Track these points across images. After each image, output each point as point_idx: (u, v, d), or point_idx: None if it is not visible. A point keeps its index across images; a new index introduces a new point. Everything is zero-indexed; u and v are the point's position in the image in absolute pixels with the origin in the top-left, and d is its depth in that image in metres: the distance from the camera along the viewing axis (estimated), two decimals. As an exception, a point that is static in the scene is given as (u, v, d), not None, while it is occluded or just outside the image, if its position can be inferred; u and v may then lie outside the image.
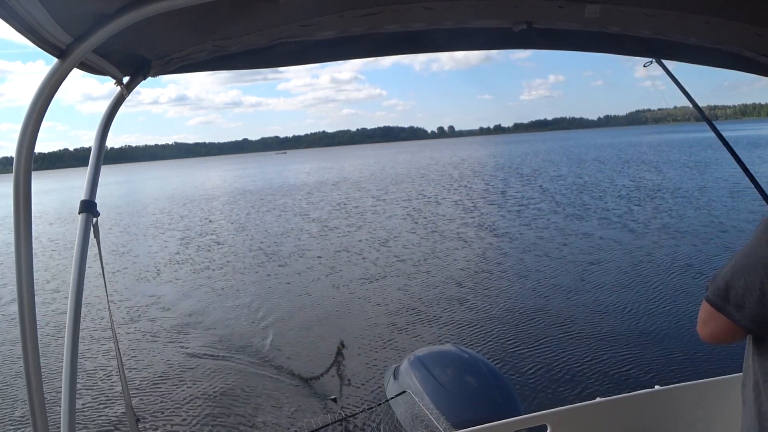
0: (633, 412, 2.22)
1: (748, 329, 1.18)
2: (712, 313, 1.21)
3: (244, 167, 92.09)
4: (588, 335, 6.94)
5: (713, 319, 1.22)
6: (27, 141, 1.03)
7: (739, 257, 1.18)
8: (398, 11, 1.48)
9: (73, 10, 0.96)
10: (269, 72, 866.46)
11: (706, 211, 15.27)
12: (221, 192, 38.18)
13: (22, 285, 1.06)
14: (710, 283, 1.23)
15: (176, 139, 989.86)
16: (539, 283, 9.49)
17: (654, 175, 27.10)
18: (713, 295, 1.21)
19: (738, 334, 1.21)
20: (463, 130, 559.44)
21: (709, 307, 1.22)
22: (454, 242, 13.60)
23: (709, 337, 1.26)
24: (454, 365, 4.23)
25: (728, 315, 1.18)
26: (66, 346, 1.17)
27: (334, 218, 19.41)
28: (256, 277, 11.64)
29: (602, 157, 46.09)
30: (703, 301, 1.24)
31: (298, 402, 5.78)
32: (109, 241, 17.28)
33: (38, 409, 1.09)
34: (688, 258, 10.39)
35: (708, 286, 1.24)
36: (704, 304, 1.24)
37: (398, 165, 58.30)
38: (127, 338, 8.11)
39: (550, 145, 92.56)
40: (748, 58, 1.85)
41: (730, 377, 2.21)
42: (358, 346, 7.22)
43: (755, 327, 1.17)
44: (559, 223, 15.09)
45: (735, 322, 1.18)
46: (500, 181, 29.55)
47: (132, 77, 1.44)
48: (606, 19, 1.60)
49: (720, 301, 1.19)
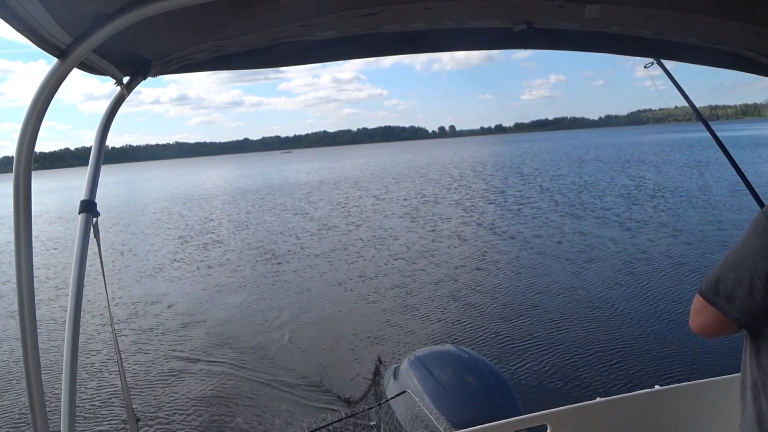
0: (633, 412, 2.22)
1: (738, 322, 1.19)
2: (704, 305, 1.23)
3: (249, 167, 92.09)
4: (588, 335, 6.94)
5: (704, 312, 1.24)
6: (27, 141, 1.03)
7: (731, 252, 1.20)
8: (398, 11, 1.48)
9: (73, 10, 0.96)
10: (270, 72, 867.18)
11: (706, 211, 15.27)
12: (227, 191, 38.21)
13: (22, 285, 1.06)
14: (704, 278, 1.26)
15: (177, 138, 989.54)
16: (540, 282, 9.48)
17: (654, 174, 27.10)
18: (705, 288, 1.23)
19: (728, 327, 1.22)
20: (464, 130, 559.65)
21: (700, 299, 1.24)
22: (454, 242, 13.60)
23: (699, 328, 1.27)
24: (454, 365, 4.23)
25: (718, 307, 1.20)
26: (66, 346, 1.17)
27: (334, 217, 19.43)
28: (256, 277, 11.64)
29: (603, 156, 46.07)
30: (696, 294, 1.26)
31: (298, 402, 5.78)
32: (110, 241, 17.29)
33: (38, 409, 1.09)
34: (688, 258, 10.39)
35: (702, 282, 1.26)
36: (697, 297, 1.26)
37: (399, 164, 58.32)
38: (127, 338, 8.12)
39: (551, 144, 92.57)
40: (748, 58, 1.85)
41: (730, 377, 2.22)
42: (358, 346, 7.23)
43: (745, 319, 1.18)
44: (559, 223, 15.08)
45: (725, 314, 1.19)
46: (501, 181, 29.55)
47: (132, 77, 1.44)
48: (606, 19, 1.60)
49: (711, 294, 1.21)
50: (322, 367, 6.64)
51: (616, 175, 28.34)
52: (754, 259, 1.13)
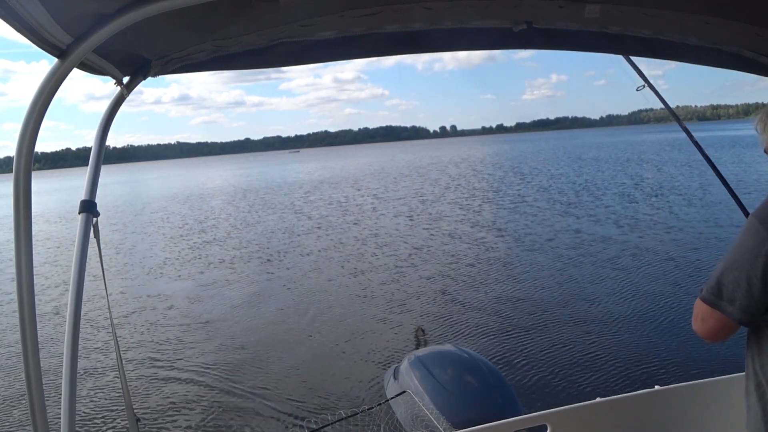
0: (633, 412, 2.22)
1: (741, 321, 1.23)
2: (709, 311, 1.26)
3: (263, 166, 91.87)
4: (588, 335, 6.93)
5: (710, 317, 1.27)
6: (27, 141, 1.03)
7: (727, 256, 1.24)
8: (398, 11, 1.48)
9: (73, 10, 0.96)
10: (272, 72, 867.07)
11: (706, 211, 15.26)
12: (250, 189, 38.24)
13: (22, 285, 1.06)
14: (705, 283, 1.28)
15: (179, 138, 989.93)
16: (539, 282, 9.48)
17: (654, 173, 27.09)
18: (708, 294, 1.26)
19: (733, 329, 1.26)
20: (465, 130, 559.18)
21: (704, 306, 1.27)
22: (454, 242, 13.59)
23: (707, 333, 1.31)
24: (454, 365, 4.24)
25: (722, 310, 1.23)
26: (66, 346, 1.18)
27: (334, 216, 19.43)
28: (256, 277, 11.65)
29: (603, 155, 46.04)
30: (698, 300, 1.29)
31: (298, 401, 5.78)
32: (110, 241, 17.30)
33: (38, 409, 1.09)
34: (688, 258, 10.38)
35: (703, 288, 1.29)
36: (699, 304, 1.29)
37: (400, 164, 58.30)
38: (127, 338, 8.12)
39: (552, 144, 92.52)
40: (748, 58, 1.85)
41: (730, 377, 2.22)
42: (358, 346, 7.23)
43: (747, 318, 1.21)
44: (562, 222, 15.08)
45: (729, 316, 1.22)
46: (504, 182, 29.54)
47: (132, 77, 1.44)
48: (606, 19, 1.60)
49: (714, 299, 1.24)
50: (323, 366, 6.64)
51: (618, 174, 28.32)
52: (749, 259, 1.17)
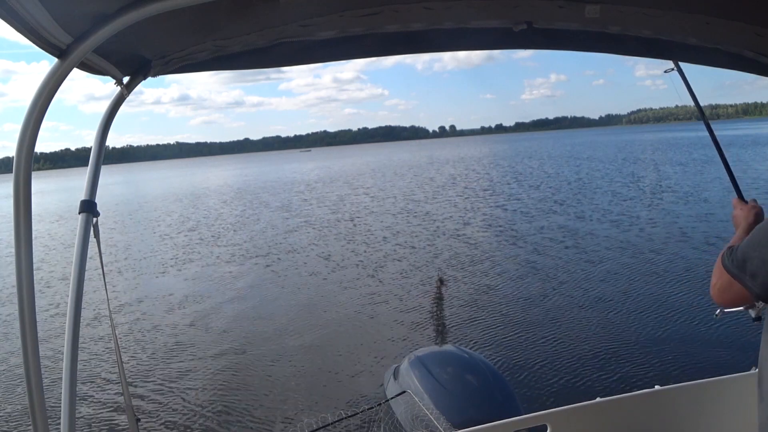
0: (633, 412, 2.22)
1: (759, 297, 1.30)
2: (730, 281, 1.33)
3: (267, 166, 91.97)
4: (588, 335, 6.93)
5: (731, 288, 1.34)
6: (27, 141, 1.03)
7: (756, 232, 1.30)
8: (398, 11, 1.48)
9: (73, 10, 0.96)
10: (271, 72, 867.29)
11: (706, 210, 15.26)
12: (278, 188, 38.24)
13: (22, 285, 1.06)
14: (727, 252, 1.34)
15: (178, 138, 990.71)
16: (539, 282, 9.49)
17: (654, 173, 27.10)
18: (732, 266, 1.32)
19: (748, 300, 1.35)
20: (465, 130, 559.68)
21: (726, 275, 1.34)
22: (454, 241, 13.60)
23: (722, 301, 1.40)
24: (454, 365, 4.24)
25: (743, 283, 1.29)
26: (66, 346, 1.18)
27: (334, 215, 19.44)
28: (256, 277, 11.65)
29: (602, 155, 46.06)
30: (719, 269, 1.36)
31: (298, 402, 5.78)
32: (111, 241, 17.30)
33: (38, 409, 1.09)
34: (688, 258, 10.38)
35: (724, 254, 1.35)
36: (721, 272, 1.35)
37: (400, 164, 58.32)
38: (127, 338, 8.12)
39: (553, 143, 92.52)
40: (748, 58, 1.85)
41: (730, 377, 2.22)
42: (358, 346, 7.23)
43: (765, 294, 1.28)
44: (563, 223, 15.07)
45: (749, 289, 1.29)
46: (502, 181, 29.56)
47: (132, 77, 1.44)
48: (606, 19, 1.60)
49: (738, 271, 1.30)
50: (323, 366, 6.64)
51: (617, 174, 28.33)
52: None
